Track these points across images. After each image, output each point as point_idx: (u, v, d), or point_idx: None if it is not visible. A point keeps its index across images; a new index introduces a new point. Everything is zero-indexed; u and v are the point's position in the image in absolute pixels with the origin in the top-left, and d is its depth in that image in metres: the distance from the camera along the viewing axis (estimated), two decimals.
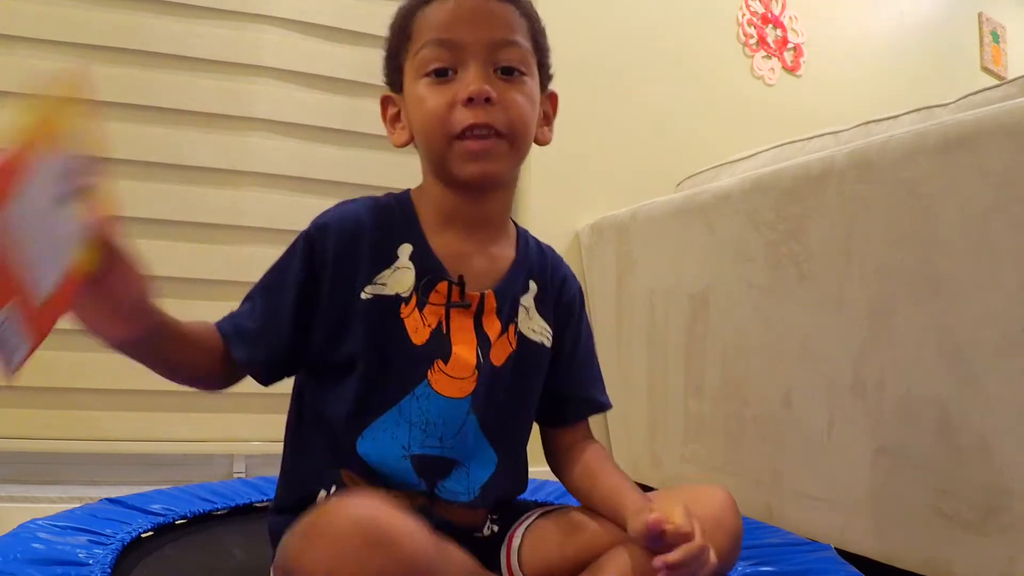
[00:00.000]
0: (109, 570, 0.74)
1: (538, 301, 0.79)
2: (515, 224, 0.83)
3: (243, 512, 1.01)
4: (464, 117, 0.68)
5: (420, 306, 0.72)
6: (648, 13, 1.90)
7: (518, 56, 0.71)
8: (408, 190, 0.79)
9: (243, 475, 1.47)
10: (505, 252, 0.79)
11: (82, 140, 0.45)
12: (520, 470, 0.81)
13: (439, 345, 0.71)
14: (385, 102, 0.78)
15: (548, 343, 0.79)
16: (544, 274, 0.81)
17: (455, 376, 0.72)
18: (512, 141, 0.71)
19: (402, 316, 0.71)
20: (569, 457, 0.81)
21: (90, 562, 0.74)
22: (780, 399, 1.11)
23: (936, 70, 2.43)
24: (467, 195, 0.74)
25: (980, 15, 2.63)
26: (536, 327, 0.78)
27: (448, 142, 0.70)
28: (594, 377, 0.85)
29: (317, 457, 0.72)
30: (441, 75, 0.70)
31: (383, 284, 0.72)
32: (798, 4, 2.15)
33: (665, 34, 1.92)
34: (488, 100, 0.68)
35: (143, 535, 0.86)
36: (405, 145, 0.76)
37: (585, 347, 0.85)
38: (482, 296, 0.74)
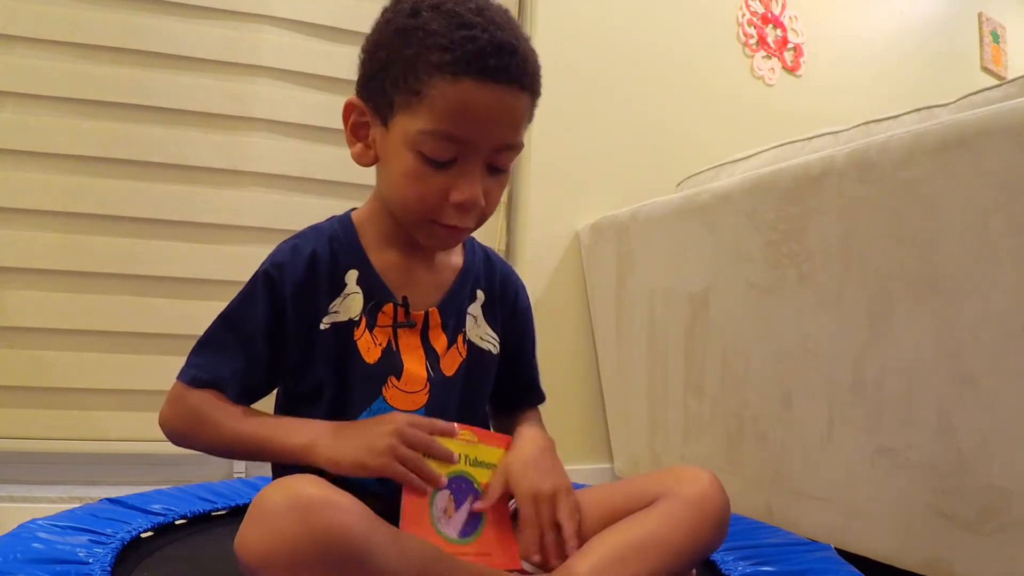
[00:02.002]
0: (109, 569, 0.74)
1: (485, 309, 0.82)
2: None
3: (243, 512, 1.01)
4: (449, 216, 0.70)
5: (370, 328, 0.74)
6: (648, 13, 1.90)
7: (513, 157, 0.72)
8: (349, 213, 0.80)
9: (243, 475, 1.47)
10: (451, 259, 0.81)
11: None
12: None
13: (390, 362, 0.74)
14: (350, 108, 0.73)
15: (496, 350, 0.82)
16: (491, 282, 0.84)
17: (408, 390, 0.74)
18: (478, 225, 0.74)
19: (355, 338, 0.74)
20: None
21: (90, 561, 0.73)
22: (780, 399, 1.11)
23: (936, 70, 2.43)
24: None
25: (980, 15, 2.64)
26: (484, 334, 0.81)
27: (423, 223, 0.71)
28: (535, 372, 0.90)
29: (292, 466, 0.73)
30: (439, 163, 0.68)
31: (336, 312, 0.74)
32: (798, 4, 2.15)
33: (665, 34, 1.92)
34: (475, 207, 0.69)
35: (143, 535, 0.86)
36: (370, 165, 0.75)
37: (531, 346, 0.89)
38: (426, 314, 0.77)
